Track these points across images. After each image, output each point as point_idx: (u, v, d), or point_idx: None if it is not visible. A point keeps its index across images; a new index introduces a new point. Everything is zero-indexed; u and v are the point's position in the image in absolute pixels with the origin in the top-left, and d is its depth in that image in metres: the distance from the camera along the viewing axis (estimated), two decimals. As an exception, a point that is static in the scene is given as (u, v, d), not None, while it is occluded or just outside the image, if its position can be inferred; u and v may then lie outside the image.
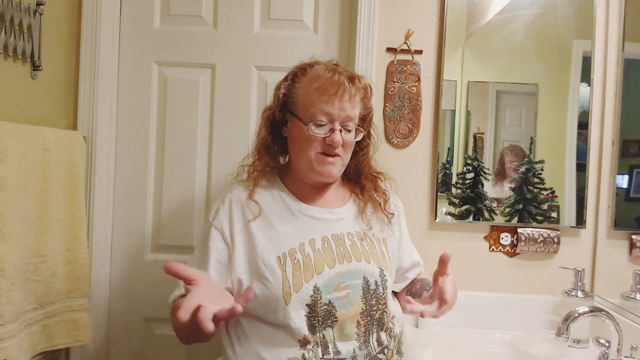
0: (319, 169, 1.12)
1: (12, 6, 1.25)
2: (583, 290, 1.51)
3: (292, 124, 1.15)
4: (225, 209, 1.14)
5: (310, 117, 1.10)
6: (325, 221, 1.16)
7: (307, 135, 1.10)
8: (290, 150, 1.18)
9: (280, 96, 1.16)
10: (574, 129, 1.61)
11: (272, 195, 1.17)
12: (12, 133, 1.20)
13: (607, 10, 1.60)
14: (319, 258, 1.10)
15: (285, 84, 1.17)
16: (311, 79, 1.12)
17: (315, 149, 1.11)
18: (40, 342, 1.32)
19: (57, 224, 1.36)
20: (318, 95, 1.09)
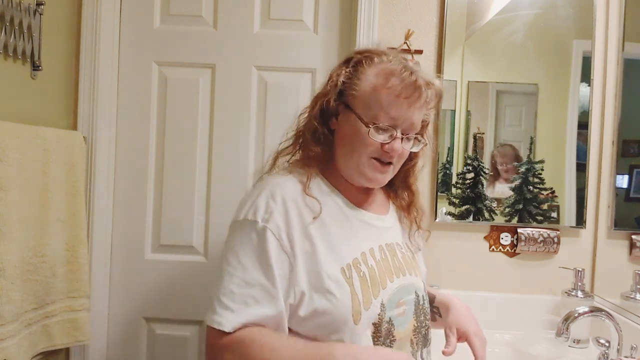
0: (370, 175, 0.99)
1: (12, 6, 1.25)
2: (583, 290, 1.51)
3: (346, 119, 0.99)
4: (279, 208, 0.93)
5: (372, 119, 0.95)
6: (377, 228, 1.04)
7: (364, 138, 0.96)
8: (338, 147, 1.02)
9: (339, 84, 1.00)
10: (574, 129, 1.61)
11: (322, 193, 1.00)
12: (12, 133, 1.20)
13: (607, 10, 1.60)
14: (381, 270, 0.98)
15: (345, 70, 1.00)
16: (381, 74, 0.96)
17: (369, 153, 0.97)
18: (40, 342, 1.32)
19: (57, 224, 1.36)
20: (387, 95, 0.95)
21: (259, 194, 0.96)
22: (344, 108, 1.00)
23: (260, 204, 0.94)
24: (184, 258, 1.66)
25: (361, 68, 0.99)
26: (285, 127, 1.66)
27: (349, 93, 0.99)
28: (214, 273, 1.68)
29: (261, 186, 0.99)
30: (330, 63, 1.63)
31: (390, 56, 1.00)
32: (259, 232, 0.92)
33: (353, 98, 0.98)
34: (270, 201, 0.94)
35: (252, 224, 0.93)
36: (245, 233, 0.93)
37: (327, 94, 1.01)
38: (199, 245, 1.66)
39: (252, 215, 0.93)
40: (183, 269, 1.66)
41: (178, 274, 1.66)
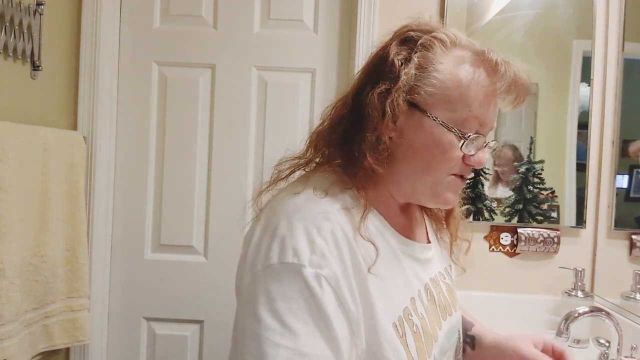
0: (448, 196, 0.76)
1: (12, 6, 1.25)
2: (583, 290, 1.51)
3: (416, 124, 0.73)
4: (331, 247, 0.66)
5: (458, 125, 0.72)
6: (424, 262, 0.82)
7: (448, 150, 0.72)
8: (401, 161, 0.75)
9: (411, 75, 0.71)
10: (574, 129, 1.61)
11: (373, 227, 0.75)
12: (12, 133, 1.20)
13: (607, 10, 1.59)
14: (431, 317, 0.78)
15: (411, 55, 0.73)
16: (467, 64, 0.72)
17: (450, 169, 0.74)
18: (40, 342, 1.32)
19: (57, 223, 1.36)
20: (477, 94, 0.72)
21: (294, 226, 0.67)
22: (411, 108, 0.72)
23: (302, 240, 0.65)
24: (184, 258, 1.66)
25: (433, 53, 0.73)
26: (285, 127, 1.67)
27: (421, 89, 0.72)
28: (214, 273, 1.69)
29: (291, 212, 0.69)
30: (331, 63, 1.64)
31: (462, 37, 0.77)
32: (309, 281, 0.63)
33: (429, 96, 0.72)
34: (316, 237, 0.66)
35: (296, 269, 0.64)
36: (287, 283, 0.64)
37: (391, 88, 0.71)
38: (199, 245, 1.66)
39: (293, 256, 0.64)
40: (183, 269, 1.66)
41: (178, 274, 1.66)
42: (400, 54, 0.74)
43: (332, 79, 1.65)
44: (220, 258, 1.66)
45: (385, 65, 0.73)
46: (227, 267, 1.65)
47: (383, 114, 0.71)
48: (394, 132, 0.73)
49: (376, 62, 0.76)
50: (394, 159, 0.74)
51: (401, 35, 0.77)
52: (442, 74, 0.72)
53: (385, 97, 0.71)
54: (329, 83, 1.65)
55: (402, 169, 0.75)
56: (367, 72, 0.77)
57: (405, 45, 0.75)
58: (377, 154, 0.71)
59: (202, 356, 1.67)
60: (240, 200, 1.65)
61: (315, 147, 0.80)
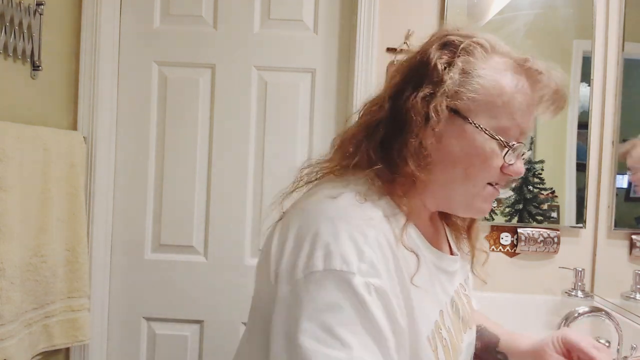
0: (483, 206, 0.75)
1: (12, 6, 1.25)
2: (583, 290, 1.51)
3: (457, 131, 0.71)
4: (378, 256, 0.63)
5: (500, 133, 0.70)
6: (450, 274, 0.80)
7: (489, 159, 0.71)
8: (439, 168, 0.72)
9: (455, 79, 0.70)
10: (574, 129, 1.61)
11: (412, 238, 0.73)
12: (12, 133, 1.19)
13: (607, 10, 1.59)
14: (456, 329, 0.78)
15: (459, 60, 0.71)
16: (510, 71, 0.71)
17: (488, 179, 0.73)
18: (40, 342, 1.32)
19: (57, 223, 1.36)
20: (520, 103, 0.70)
21: (339, 232, 0.63)
22: (451, 114, 0.70)
23: (349, 247, 0.62)
24: (184, 258, 1.66)
25: (476, 58, 0.71)
26: (285, 127, 1.67)
27: (463, 94, 0.70)
28: (214, 273, 1.69)
29: (334, 217, 0.65)
30: (331, 63, 1.64)
31: (501, 44, 0.75)
32: (359, 290, 0.60)
33: (471, 102, 0.70)
34: (364, 245, 0.62)
35: (345, 277, 0.60)
36: (335, 291, 0.59)
37: (437, 92, 0.69)
38: (199, 245, 1.66)
39: (342, 263, 0.60)
40: (183, 269, 1.66)
41: (178, 274, 1.66)
42: (442, 57, 0.71)
43: (332, 79, 1.65)
44: (220, 258, 1.66)
45: (427, 69, 0.71)
46: (227, 267, 1.65)
47: (426, 119, 0.69)
48: (433, 138, 0.70)
49: (416, 66, 0.73)
50: (432, 167, 0.71)
51: (441, 39, 0.74)
52: (485, 79, 0.70)
53: (429, 102, 0.69)
54: (329, 83, 1.65)
55: (438, 177, 0.72)
56: (406, 75, 0.74)
57: (446, 50, 0.72)
58: (419, 160, 0.69)
59: (202, 356, 1.67)
60: (240, 200, 1.65)
61: (346, 151, 0.76)
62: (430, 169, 0.71)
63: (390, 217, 0.69)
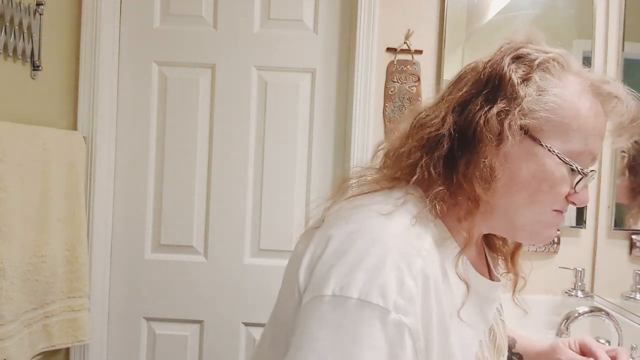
0: (548, 233, 0.72)
1: (12, 6, 1.25)
2: (583, 290, 1.51)
3: (527, 151, 0.65)
4: (420, 290, 0.58)
5: (574, 157, 0.65)
6: (492, 301, 0.77)
7: (559, 184, 0.66)
8: (505, 191, 0.66)
9: (533, 97, 0.64)
10: (574, 129, 1.60)
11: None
12: (12, 133, 1.20)
13: (607, 10, 1.59)
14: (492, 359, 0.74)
15: (537, 76, 0.65)
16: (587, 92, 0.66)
17: (555, 205, 0.68)
18: (40, 342, 1.32)
19: (57, 224, 1.36)
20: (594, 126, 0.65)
21: (386, 257, 0.58)
22: (522, 134, 0.64)
23: (391, 277, 0.57)
24: (184, 258, 1.66)
25: (552, 76, 0.66)
26: (285, 127, 1.68)
27: (537, 113, 0.64)
28: (214, 273, 1.69)
29: (383, 239, 0.60)
30: (331, 63, 1.64)
31: (574, 62, 0.70)
32: (390, 329, 0.55)
33: (545, 123, 0.64)
34: (407, 276, 0.58)
35: (380, 313, 0.55)
36: (364, 325, 0.55)
37: (509, 109, 0.63)
38: (199, 245, 1.66)
39: (378, 296, 0.56)
40: (183, 269, 1.66)
41: (178, 274, 1.66)
42: (517, 71, 0.65)
43: (332, 79, 1.65)
44: (220, 258, 1.66)
45: (502, 83, 0.65)
46: (227, 267, 1.65)
47: (500, 137, 0.63)
48: (498, 157, 0.64)
49: (487, 78, 0.67)
50: (504, 191, 0.66)
51: (514, 51, 0.69)
52: (561, 99, 0.64)
53: (503, 119, 0.63)
54: (329, 83, 1.65)
55: (501, 200, 0.66)
56: (474, 87, 0.67)
57: (521, 63, 0.67)
58: (488, 182, 0.63)
59: (202, 356, 1.67)
60: (240, 200, 1.65)
61: (401, 165, 0.69)
62: (495, 190, 0.65)
63: (441, 244, 0.64)
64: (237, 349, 1.65)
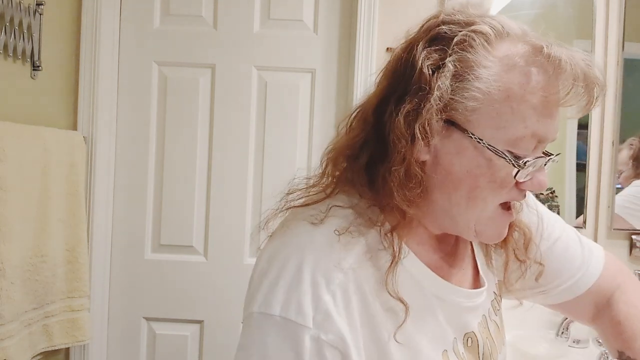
0: (495, 232, 0.63)
1: (12, 6, 1.25)
2: (583, 290, 1.51)
3: (456, 145, 0.58)
4: (340, 305, 0.56)
5: (509, 145, 0.57)
6: (467, 309, 0.68)
7: (499, 178, 0.58)
8: (437, 190, 0.61)
9: (446, 87, 0.56)
10: (574, 129, 1.61)
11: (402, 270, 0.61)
12: (12, 133, 1.20)
13: (607, 10, 1.59)
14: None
15: (451, 60, 0.56)
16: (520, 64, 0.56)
17: (499, 199, 0.60)
18: (40, 342, 1.32)
19: (57, 223, 1.36)
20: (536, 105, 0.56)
21: (303, 272, 0.56)
22: (448, 126, 0.58)
23: (307, 294, 0.55)
24: (184, 258, 1.66)
25: (474, 54, 0.56)
26: (285, 127, 1.67)
27: (459, 103, 0.56)
28: (214, 273, 1.68)
29: (304, 252, 0.58)
30: (331, 63, 1.64)
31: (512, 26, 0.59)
32: (310, 345, 0.54)
33: (471, 112, 0.56)
34: (324, 292, 0.55)
35: (296, 329, 0.55)
36: (283, 343, 0.55)
37: (420, 107, 0.56)
38: (199, 245, 1.66)
39: (296, 312, 0.55)
40: (183, 269, 1.66)
41: (178, 274, 1.66)
42: (430, 57, 0.57)
43: (332, 79, 1.65)
44: (220, 258, 1.65)
45: (412, 75, 0.57)
46: (227, 267, 1.65)
47: (412, 140, 0.56)
48: (428, 155, 0.59)
49: (400, 69, 0.60)
50: (429, 189, 0.60)
51: (430, 32, 0.59)
52: (486, 82, 0.56)
53: (414, 119, 0.56)
54: (329, 83, 1.65)
55: (439, 200, 0.61)
56: (389, 81, 0.62)
57: (436, 46, 0.58)
58: (407, 191, 0.57)
59: (202, 356, 1.67)
60: (240, 200, 1.65)
61: (334, 171, 0.66)
62: (425, 195, 0.60)
63: (377, 252, 0.59)
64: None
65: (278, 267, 0.58)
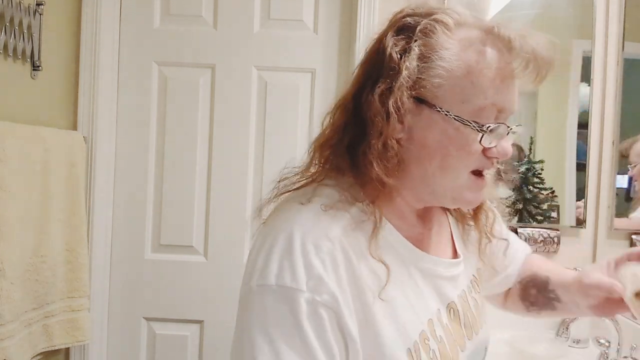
0: (470, 197, 0.70)
1: (12, 6, 1.25)
2: (583, 290, 1.51)
3: (426, 121, 0.66)
4: (329, 269, 0.62)
5: (473, 116, 0.64)
6: (448, 279, 0.74)
7: (467, 145, 0.65)
8: (413, 163, 0.68)
9: (413, 67, 0.64)
10: (574, 129, 1.61)
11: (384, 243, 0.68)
12: (12, 133, 1.20)
13: (607, 10, 1.59)
14: (450, 340, 0.72)
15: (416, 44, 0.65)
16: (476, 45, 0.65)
17: (468, 166, 0.67)
18: (40, 342, 1.32)
19: (57, 224, 1.36)
20: (494, 78, 0.64)
21: (293, 244, 0.62)
22: (418, 104, 0.65)
23: (299, 261, 0.61)
24: (184, 258, 1.66)
25: (436, 38, 0.65)
26: (285, 127, 1.67)
27: (426, 81, 0.64)
28: (214, 273, 1.69)
29: (293, 227, 0.64)
30: (331, 63, 1.64)
31: (467, 15, 0.69)
32: (304, 307, 0.60)
33: (436, 88, 0.65)
34: (314, 258, 0.61)
35: (292, 293, 0.60)
36: (283, 307, 0.60)
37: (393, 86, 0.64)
38: (199, 245, 1.66)
39: (291, 279, 0.61)
40: (183, 269, 1.66)
41: (178, 274, 1.66)
42: (397, 44, 0.66)
43: (332, 79, 1.65)
44: (220, 258, 1.66)
45: (383, 60, 0.66)
46: (227, 267, 1.65)
47: (387, 117, 0.64)
48: (402, 133, 0.66)
49: (373, 58, 0.69)
50: (406, 163, 0.67)
51: (397, 23, 0.68)
52: (448, 61, 0.64)
53: (387, 97, 0.64)
54: (329, 83, 1.65)
55: (416, 172, 0.68)
56: (365, 70, 0.70)
57: (402, 34, 0.66)
58: (385, 162, 0.64)
59: (202, 356, 1.67)
60: (240, 200, 1.65)
61: (320, 158, 0.73)
62: (403, 168, 0.67)
63: (360, 224, 0.66)
64: (237, 349, 1.65)
65: (270, 242, 0.64)
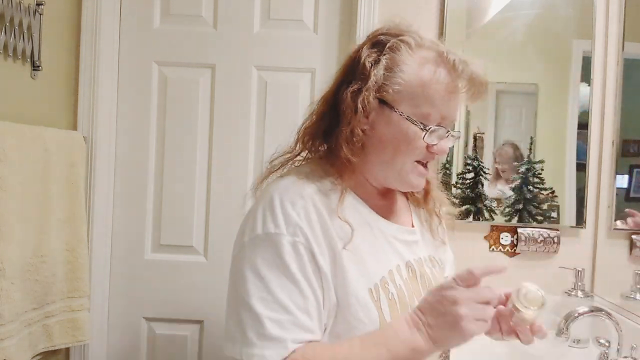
0: (414, 181, 0.88)
1: (12, 6, 1.25)
2: (583, 290, 1.51)
3: (386, 119, 0.85)
4: (303, 219, 0.81)
5: (421, 118, 0.83)
6: (404, 243, 0.93)
7: (413, 141, 0.84)
8: (373, 150, 0.87)
9: (380, 75, 0.83)
10: (574, 129, 1.61)
11: (348, 206, 0.87)
12: (12, 133, 1.20)
13: (607, 10, 1.59)
14: (409, 290, 0.88)
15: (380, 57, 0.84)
16: (429, 64, 0.83)
17: (414, 157, 0.86)
18: (40, 342, 1.32)
19: (57, 224, 1.36)
20: (438, 91, 0.82)
21: (274, 202, 0.82)
22: (381, 105, 0.84)
23: (279, 213, 0.81)
24: (184, 258, 1.66)
25: (400, 55, 0.83)
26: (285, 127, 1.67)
27: (389, 87, 0.83)
28: (214, 273, 1.69)
29: (274, 192, 0.84)
30: (331, 63, 1.64)
31: (426, 39, 0.87)
32: (287, 247, 0.80)
33: (396, 93, 0.83)
34: (290, 210, 0.81)
35: (276, 237, 0.80)
36: (269, 248, 0.80)
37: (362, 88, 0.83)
38: (199, 245, 1.66)
39: (275, 227, 0.80)
40: (183, 269, 1.66)
41: (178, 274, 1.66)
42: (370, 56, 0.84)
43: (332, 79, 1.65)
44: (220, 258, 1.65)
45: (358, 67, 0.85)
46: (227, 267, 1.63)
47: (355, 110, 0.83)
48: (367, 125, 0.85)
49: (350, 64, 0.88)
50: (367, 149, 0.87)
51: (372, 39, 0.87)
52: (407, 74, 0.83)
53: (357, 95, 0.83)
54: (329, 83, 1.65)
55: (373, 158, 0.88)
56: (343, 73, 0.89)
57: (375, 48, 0.85)
58: (351, 145, 0.84)
59: (202, 356, 1.67)
60: (240, 201, 1.65)
61: (303, 142, 0.92)
62: (364, 153, 0.86)
63: (329, 192, 0.85)
64: (237, 349, 1.65)
65: (254, 208, 0.85)
